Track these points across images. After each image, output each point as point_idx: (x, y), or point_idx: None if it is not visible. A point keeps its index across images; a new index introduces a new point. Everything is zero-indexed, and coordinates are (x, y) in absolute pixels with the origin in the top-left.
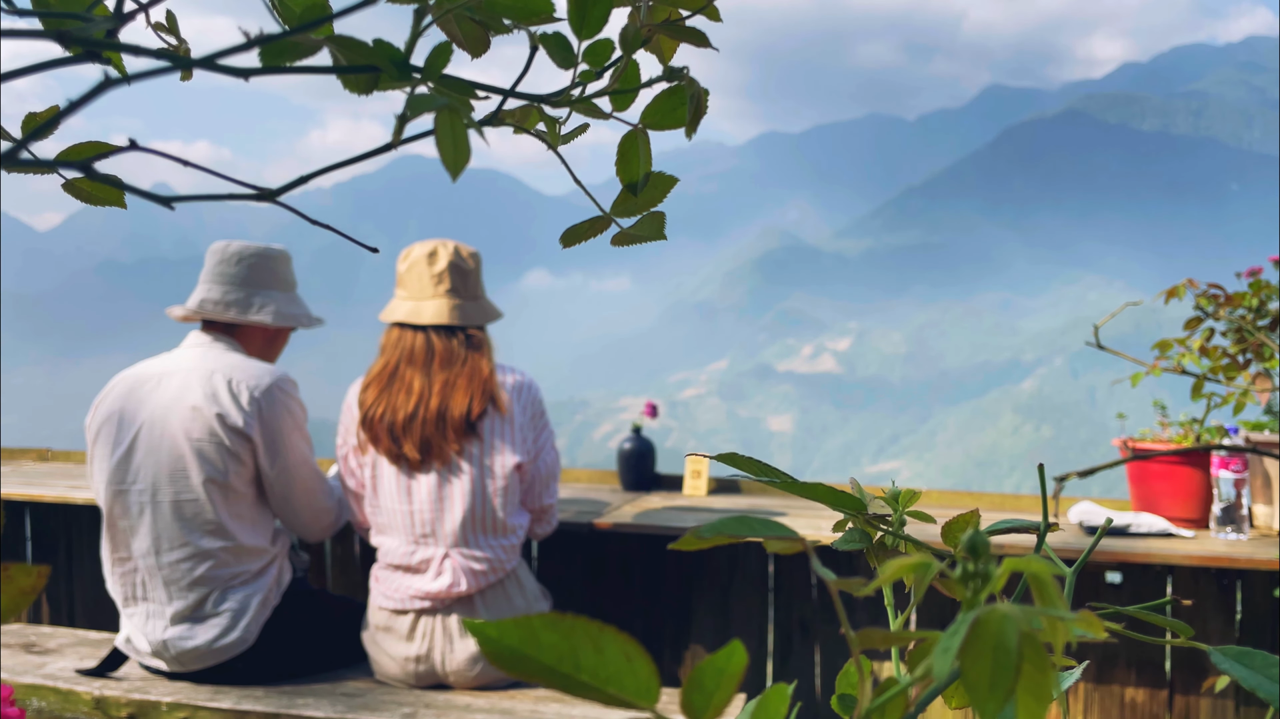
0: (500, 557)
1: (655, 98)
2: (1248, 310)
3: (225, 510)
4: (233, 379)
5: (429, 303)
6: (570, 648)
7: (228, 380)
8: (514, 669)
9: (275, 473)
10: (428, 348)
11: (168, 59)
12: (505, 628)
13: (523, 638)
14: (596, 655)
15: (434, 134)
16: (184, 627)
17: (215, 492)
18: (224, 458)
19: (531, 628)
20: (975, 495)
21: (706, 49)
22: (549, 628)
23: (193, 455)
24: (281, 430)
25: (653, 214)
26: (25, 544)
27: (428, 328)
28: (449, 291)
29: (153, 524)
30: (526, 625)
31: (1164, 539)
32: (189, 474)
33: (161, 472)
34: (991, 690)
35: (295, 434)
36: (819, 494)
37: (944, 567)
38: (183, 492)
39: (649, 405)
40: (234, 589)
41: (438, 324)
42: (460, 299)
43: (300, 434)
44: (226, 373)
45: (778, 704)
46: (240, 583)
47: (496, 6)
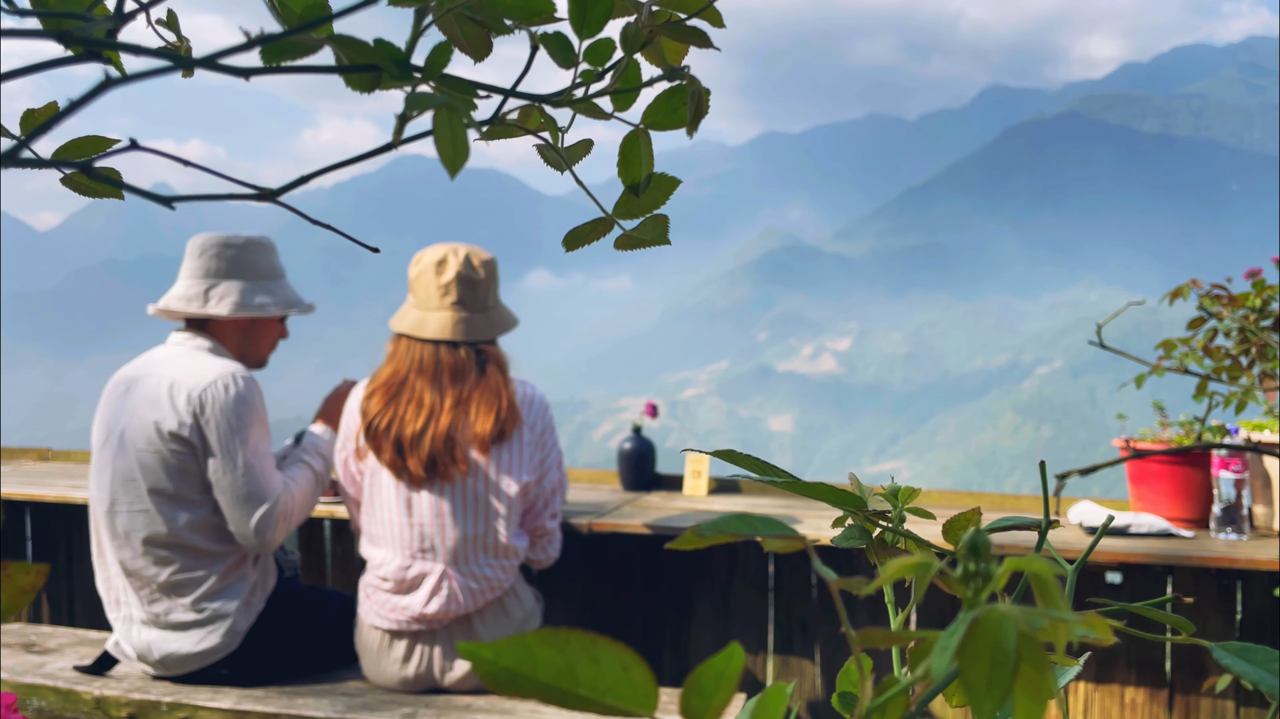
0: (499, 576)
1: (656, 98)
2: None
3: (177, 519)
4: (175, 382)
5: (434, 315)
6: (567, 663)
7: (170, 384)
8: (512, 690)
9: (210, 477)
10: (436, 361)
11: (168, 58)
12: (500, 649)
13: (519, 658)
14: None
15: (432, 132)
16: (161, 632)
17: (163, 502)
18: (164, 467)
19: (526, 646)
20: (975, 495)
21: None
22: (544, 644)
23: (138, 466)
24: (217, 434)
25: (656, 217)
26: (25, 544)
27: (433, 342)
28: (455, 304)
29: (118, 532)
30: (521, 644)
31: (1164, 539)
32: (138, 484)
33: (118, 483)
34: (988, 690)
35: (231, 438)
36: (819, 492)
37: (944, 565)
38: (135, 502)
39: (649, 405)
40: (208, 597)
41: (440, 339)
42: (467, 311)
43: (237, 438)
44: (172, 376)
45: (777, 704)
46: (212, 590)
47: (498, 6)
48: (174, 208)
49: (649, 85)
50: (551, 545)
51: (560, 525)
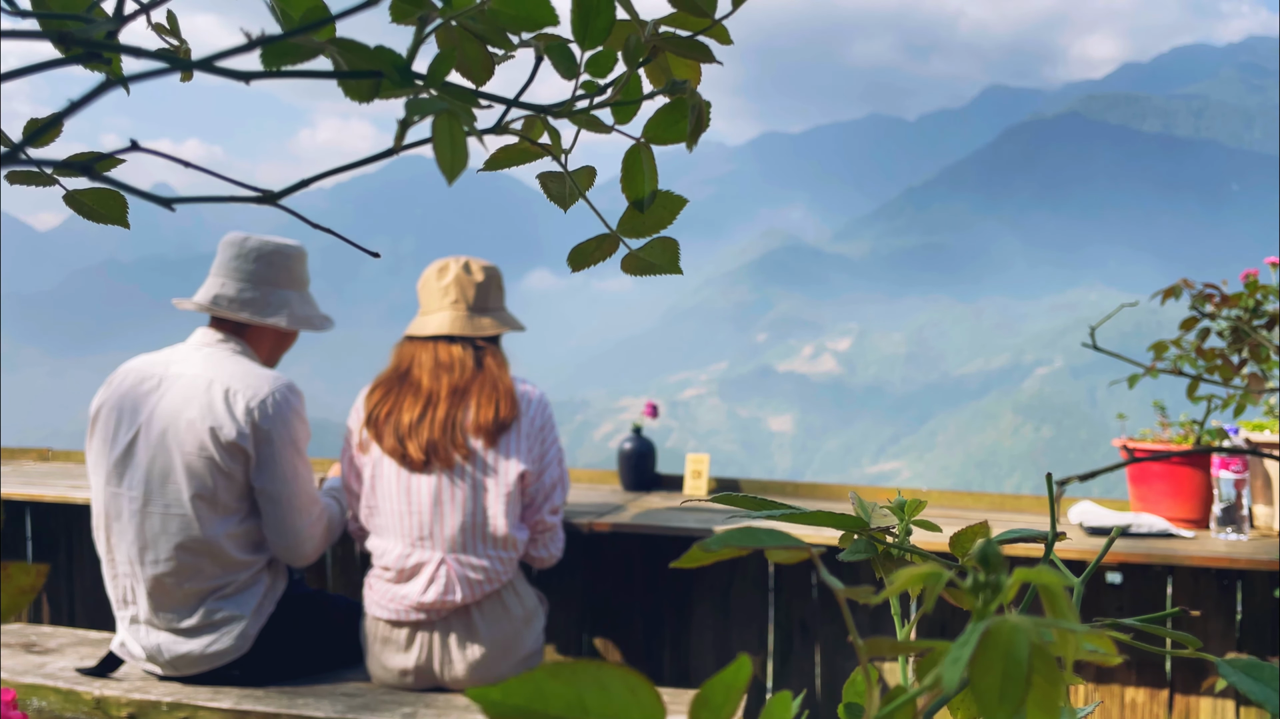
0: (497, 568)
1: (657, 111)
2: (1244, 311)
3: (213, 526)
4: (230, 389)
5: (435, 315)
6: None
7: (225, 390)
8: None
9: (263, 488)
10: (434, 355)
11: (168, 60)
12: (509, 689)
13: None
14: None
15: (431, 138)
16: (173, 635)
17: (203, 507)
18: (213, 473)
19: (535, 682)
20: (975, 496)
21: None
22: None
23: (183, 469)
24: (275, 445)
25: (665, 241)
26: (25, 544)
27: (435, 338)
28: (454, 303)
29: (140, 532)
30: (530, 681)
31: (1164, 540)
32: (179, 487)
33: (153, 481)
34: (1001, 702)
35: (289, 449)
36: (821, 520)
37: (954, 576)
38: (172, 505)
39: (649, 405)
40: (223, 601)
41: (439, 334)
42: (467, 310)
43: (293, 448)
44: (225, 382)
45: (781, 713)
46: (228, 594)
47: (499, 16)
48: (174, 209)
49: (650, 98)
50: (554, 543)
51: (562, 524)
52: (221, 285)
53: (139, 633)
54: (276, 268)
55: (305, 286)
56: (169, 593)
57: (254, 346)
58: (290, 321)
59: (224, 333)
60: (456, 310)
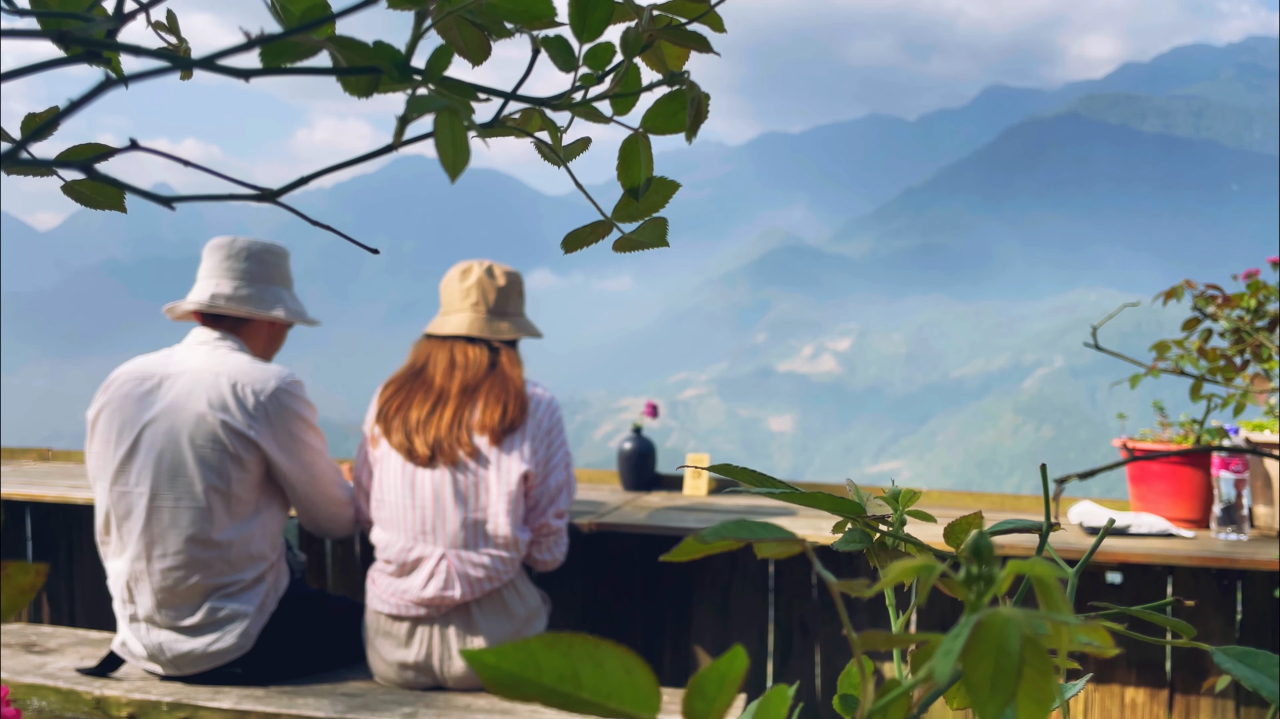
0: (499, 567)
1: (656, 102)
2: (1246, 311)
3: (227, 518)
4: (238, 383)
5: (455, 316)
6: (570, 667)
7: (233, 384)
8: (515, 694)
9: (295, 470)
10: (450, 354)
11: (167, 59)
12: (504, 653)
13: (522, 662)
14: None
15: (433, 135)
16: (175, 633)
17: (217, 499)
18: (227, 464)
19: (530, 651)
20: (975, 495)
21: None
22: (548, 649)
23: (195, 462)
24: (292, 431)
25: (654, 220)
26: (25, 544)
27: (453, 338)
28: (474, 305)
29: (148, 529)
30: (525, 649)
31: (1164, 539)
32: (191, 480)
33: (161, 476)
34: (993, 693)
35: (309, 432)
36: (817, 500)
37: (947, 568)
38: (183, 498)
39: (649, 405)
40: (227, 599)
41: (457, 334)
42: (486, 314)
43: (313, 431)
44: (232, 376)
45: (778, 706)
46: (234, 592)
47: (498, 9)
48: (174, 208)
49: (649, 90)
50: (557, 547)
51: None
52: (217, 285)
53: (141, 631)
54: (268, 265)
55: (292, 285)
56: (174, 589)
57: (249, 343)
58: (288, 314)
59: (220, 331)
60: (476, 312)
